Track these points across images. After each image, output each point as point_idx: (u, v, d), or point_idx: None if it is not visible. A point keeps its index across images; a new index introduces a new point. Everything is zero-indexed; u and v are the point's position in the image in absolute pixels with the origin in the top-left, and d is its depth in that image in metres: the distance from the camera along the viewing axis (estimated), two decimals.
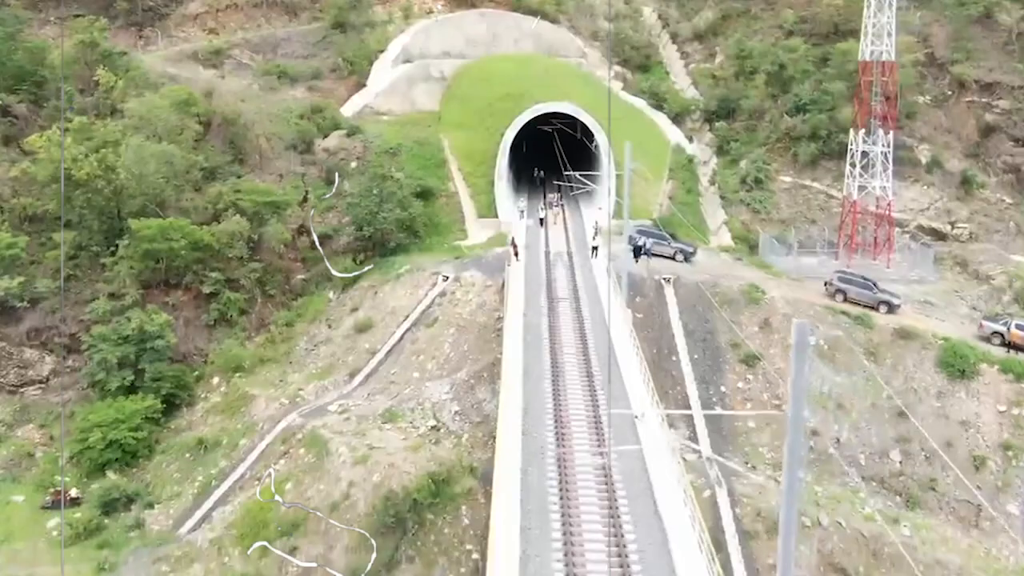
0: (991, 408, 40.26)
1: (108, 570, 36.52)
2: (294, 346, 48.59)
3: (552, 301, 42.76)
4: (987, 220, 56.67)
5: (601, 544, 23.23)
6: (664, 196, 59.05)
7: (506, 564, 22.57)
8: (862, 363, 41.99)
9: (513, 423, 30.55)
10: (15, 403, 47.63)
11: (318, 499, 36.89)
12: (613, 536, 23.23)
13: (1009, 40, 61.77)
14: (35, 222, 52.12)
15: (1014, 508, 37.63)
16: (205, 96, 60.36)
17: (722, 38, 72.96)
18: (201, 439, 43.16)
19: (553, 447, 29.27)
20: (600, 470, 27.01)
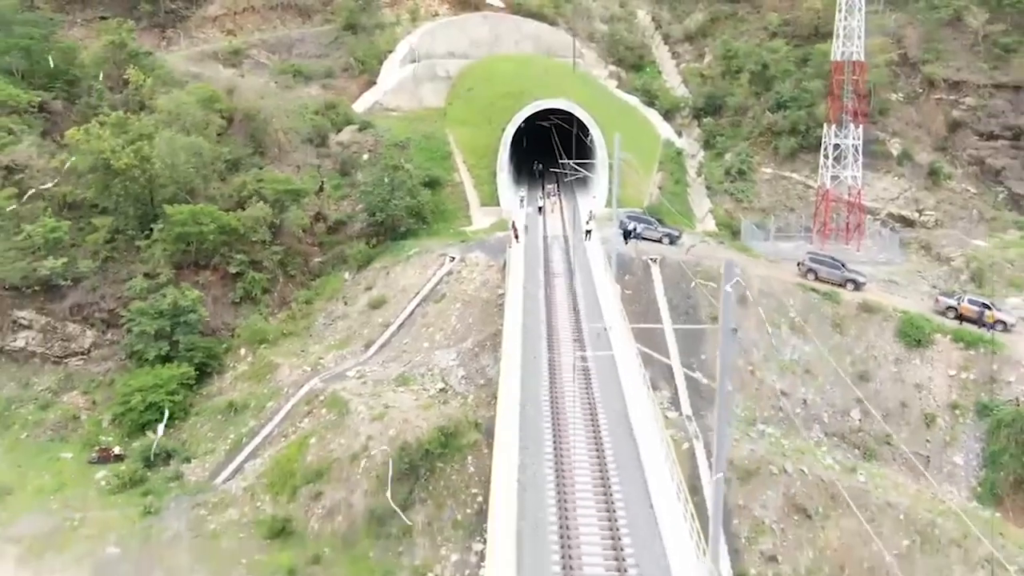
0: (943, 372, 44.80)
1: (153, 513, 41.08)
2: (313, 321, 53.20)
3: (549, 276, 47.43)
4: (952, 208, 61.19)
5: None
6: (654, 186, 63.56)
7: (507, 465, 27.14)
8: (828, 333, 46.57)
9: (513, 372, 35.13)
10: (60, 372, 52.27)
11: (340, 451, 41.45)
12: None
13: (976, 42, 66.26)
14: (74, 209, 56.64)
15: (959, 459, 42.15)
16: (227, 93, 64.91)
17: (711, 39, 77.44)
18: (231, 402, 47.80)
19: (547, 387, 34.08)
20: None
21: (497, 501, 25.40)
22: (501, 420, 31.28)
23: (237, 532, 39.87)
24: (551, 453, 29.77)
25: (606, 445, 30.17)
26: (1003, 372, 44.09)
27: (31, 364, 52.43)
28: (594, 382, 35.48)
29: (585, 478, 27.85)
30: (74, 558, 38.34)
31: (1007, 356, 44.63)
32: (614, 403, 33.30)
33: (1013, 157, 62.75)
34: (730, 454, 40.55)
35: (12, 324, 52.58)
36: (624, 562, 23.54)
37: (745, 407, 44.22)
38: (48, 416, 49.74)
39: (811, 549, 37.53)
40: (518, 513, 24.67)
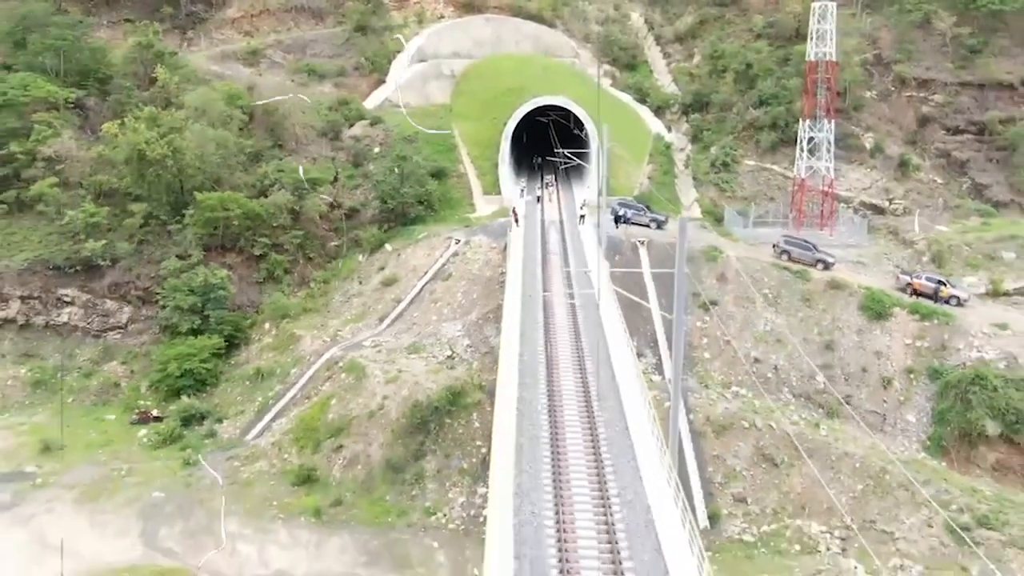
0: (900, 341, 49.70)
1: (192, 465, 46.11)
2: (331, 298, 58.20)
3: (546, 255, 52.39)
4: (920, 197, 66.05)
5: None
6: (645, 176, 68.50)
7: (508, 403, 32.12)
8: (798, 307, 51.54)
9: (514, 330, 40.09)
10: (100, 345, 57.38)
11: (358, 409, 46.47)
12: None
13: (944, 43, 71.11)
14: (109, 196, 61.69)
15: (912, 417, 47.06)
16: (248, 90, 69.91)
17: (700, 40, 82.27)
18: (258, 369, 52.83)
19: (543, 344, 39.08)
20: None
21: (500, 419, 30.44)
22: (504, 362, 36.27)
23: (267, 480, 44.87)
24: (544, 389, 34.83)
25: (590, 382, 35.17)
26: (953, 340, 48.96)
27: (74, 337, 57.55)
28: (582, 338, 40.46)
29: (572, 406, 32.96)
30: (124, 501, 43.28)
31: (957, 326, 49.52)
32: (600, 352, 38.22)
33: (977, 150, 67.60)
34: (707, 412, 45.61)
35: (56, 301, 57.71)
36: (602, 460, 28.65)
37: (722, 372, 49.15)
38: (91, 383, 54.87)
39: (776, 492, 42.48)
40: (517, 430, 29.69)
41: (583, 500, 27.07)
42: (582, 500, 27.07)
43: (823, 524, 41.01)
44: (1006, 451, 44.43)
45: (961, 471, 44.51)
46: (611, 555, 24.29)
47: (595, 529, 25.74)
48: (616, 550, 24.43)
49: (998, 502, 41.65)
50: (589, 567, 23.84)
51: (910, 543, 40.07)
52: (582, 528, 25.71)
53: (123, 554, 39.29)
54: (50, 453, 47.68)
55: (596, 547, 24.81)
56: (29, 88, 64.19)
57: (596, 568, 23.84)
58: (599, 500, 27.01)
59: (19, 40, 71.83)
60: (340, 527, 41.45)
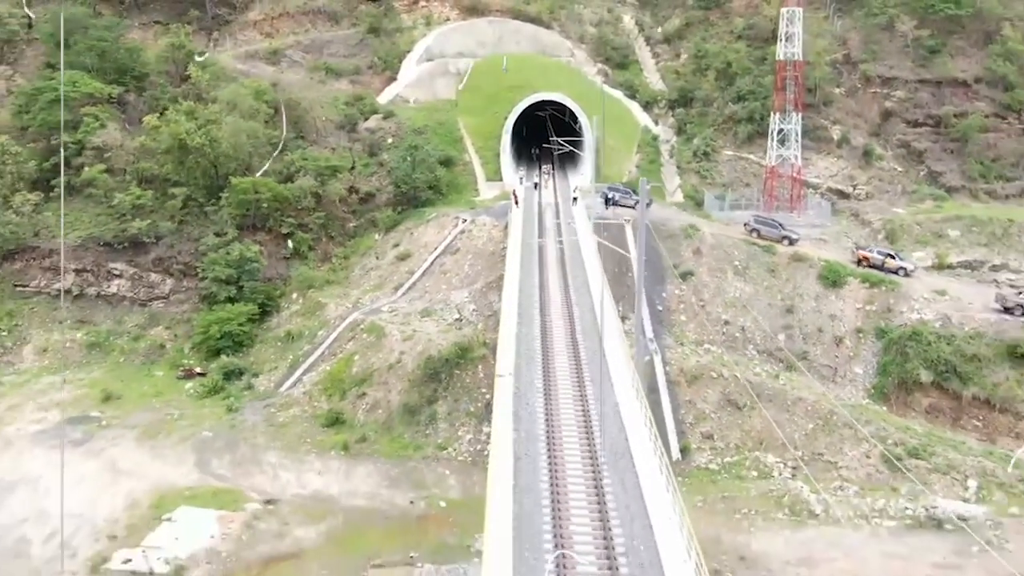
0: (852, 306, 56.73)
1: (234, 411, 53.21)
2: (351, 271, 65.24)
3: (542, 231, 59.43)
4: (881, 184, 73.04)
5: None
6: (633, 165, 75.49)
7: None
8: (765, 277, 58.59)
9: (513, 297, 47.05)
10: (145, 313, 64.43)
11: (379, 363, 53.55)
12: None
13: (906, 44, 78.03)
14: (150, 182, 68.56)
15: (859, 369, 54.09)
16: (272, 86, 76.85)
17: (686, 41, 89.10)
18: (289, 332, 59.90)
19: (538, 301, 46.18)
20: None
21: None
22: (505, 314, 43.28)
23: (301, 422, 51.98)
24: (539, 332, 41.88)
25: (577, 326, 42.23)
26: (898, 305, 55.95)
27: (122, 306, 64.64)
28: (571, 294, 47.42)
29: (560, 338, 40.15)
30: (179, 439, 50.41)
31: (902, 293, 56.52)
32: (586, 302, 45.30)
33: (934, 141, 74.52)
34: (681, 364, 52.66)
35: (107, 273, 64.81)
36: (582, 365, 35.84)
37: (696, 332, 56.13)
38: (139, 345, 61.97)
39: (739, 431, 49.45)
40: (516, 353, 36.82)
41: (571, 437, 32.72)
42: (570, 435, 32.81)
43: (778, 456, 47.97)
44: (937, 396, 51.47)
45: (899, 414, 51.52)
46: (593, 474, 29.91)
47: (580, 458, 30.95)
48: (598, 469, 30.25)
49: (927, 438, 48.69)
50: (576, 489, 28.90)
51: (850, 471, 47.07)
52: (570, 458, 30.94)
53: (182, 478, 46.40)
54: (110, 401, 54.82)
55: (582, 473, 29.90)
56: (77, 84, 71.18)
57: (582, 489, 28.92)
58: (586, 444, 32.34)
59: (60, 41, 78.93)
60: (365, 459, 48.53)
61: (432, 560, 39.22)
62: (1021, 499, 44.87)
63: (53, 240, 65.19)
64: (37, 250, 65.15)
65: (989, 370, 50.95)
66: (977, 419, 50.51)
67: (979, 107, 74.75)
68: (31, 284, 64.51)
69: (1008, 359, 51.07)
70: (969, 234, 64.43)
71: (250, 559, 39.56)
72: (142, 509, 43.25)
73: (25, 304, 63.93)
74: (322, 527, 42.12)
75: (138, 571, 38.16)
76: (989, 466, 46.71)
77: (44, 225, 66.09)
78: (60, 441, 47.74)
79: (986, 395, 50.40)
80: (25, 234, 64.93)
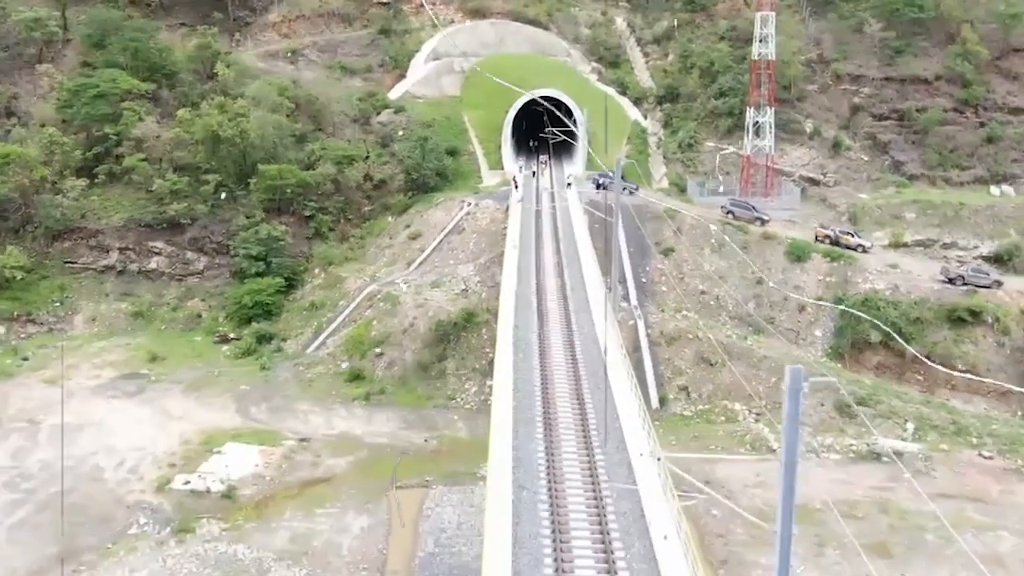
0: (814, 278, 63.85)
1: (267, 369, 60.30)
2: (367, 250, 72.33)
3: (539, 213, 66.56)
4: (849, 172, 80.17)
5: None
6: (623, 155, 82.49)
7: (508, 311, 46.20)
8: (737, 253, 65.72)
9: (511, 276, 54.06)
10: (182, 287, 71.54)
11: (394, 327, 60.61)
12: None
13: (874, 45, 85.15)
14: (184, 169, 75.48)
15: (819, 333, 61.21)
16: (292, 83, 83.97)
17: (673, 42, 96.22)
18: (312, 302, 67.03)
19: (534, 271, 53.26)
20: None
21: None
22: (504, 301, 50.31)
23: (326, 378, 59.08)
24: (535, 298, 48.95)
25: (568, 294, 49.34)
26: (855, 276, 63.07)
27: (161, 281, 71.76)
28: (564, 267, 54.50)
29: (554, 302, 47.20)
30: (220, 391, 57.48)
31: (859, 266, 63.65)
32: (576, 273, 52.39)
33: (897, 133, 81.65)
34: (661, 328, 59.76)
35: (147, 251, 71.98)
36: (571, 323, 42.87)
37: (675, 301, 63.21)
38: (178, 315, 69.13)
39: (711, 384, 56.49)
40: (514, 323, 43.90)
41: (563, 386, 39.15)
42: (561, 386, 39.25)
43: (744, 404, 55.02)
44: (884, 354, 58.66)
45: (852, 370, 58.66)
46: (579, 407, 36.47)
47: (571, 404, 37.38)
48: (583, 403, 37.28)
49: (875, 389, 55.81)
50: (566, 427, 34.65)
51: (807, 416, 54.12)
52: (562, 408, 36.75)
53: (226, 422, 53.46)
54: (156, 362, 61.89)
55: (572, 417, 35.80)
56: (117, 81, 78.27)
57: (571, 425, 34.85)
58: (575, 388, 39.10)
59: (97, 42, 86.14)
60: (384, 407, 55.65)
61: (444, 483, 46.31)
62: (951, 438, 51.98)
63: (99, 221, 72.32)
64: (84, 230, 72.22)
65: (930, 331, 58.20)
66: (919, 373, 57.72)
67: (939, 102, 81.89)
68: (79, 261, 71.58)
69: (947, 322, 58.31)
70: (924, 216, 71.59)
71: (290, 481, 46.68)
72: (194, 445, 50.31)
73: (74, 279, 71.04)
74: (350, 459, 49.22)
75: (197, 490, 45.25)
76: (926, 412, 53.88)
77: (90, 208, 73.15)
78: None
79: (927, 352, 57.58)
80: (73, 216, 71.97)
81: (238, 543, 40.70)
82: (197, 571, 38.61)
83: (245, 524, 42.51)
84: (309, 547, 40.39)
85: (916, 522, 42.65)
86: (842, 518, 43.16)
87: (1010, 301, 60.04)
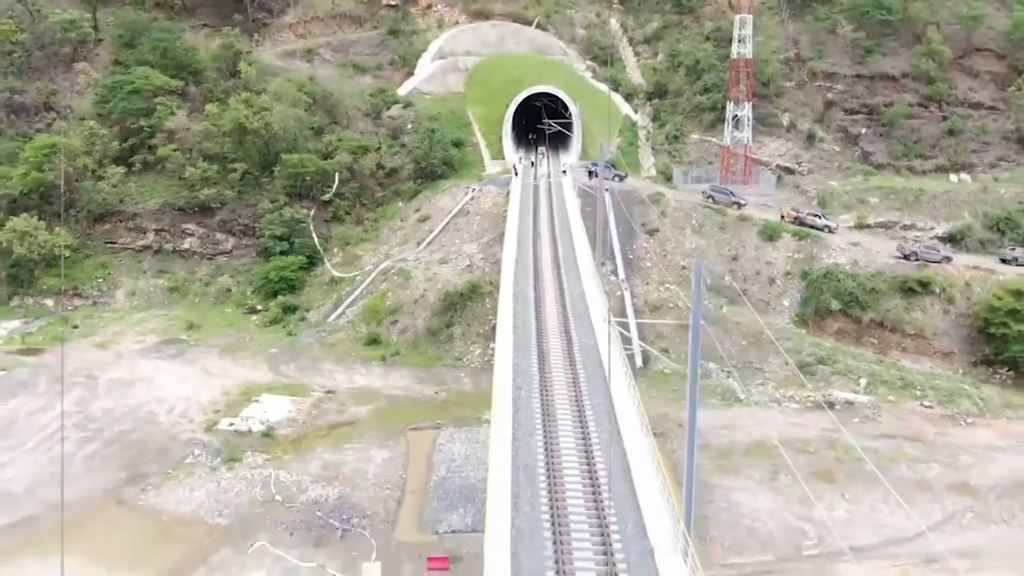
0: (784, 254, 70.93)
1: (293, 335, 67.49)
2: (381, 231, 79.45)
3: (536, 196, 73.76)
4: (822, 161, 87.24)
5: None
6: (615, 146, 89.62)
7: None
8: (716, 233, 72.85)
9: (511, 250, 61.14)
10: (212, 265, 78.70)
11: (406, 298, 67.76)
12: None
13: (845, 45, 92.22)
14: (212, 158, 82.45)
15: (787, 302, 68.34)
16: (309, 80, 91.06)
17: (662, 42, 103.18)
18: (332, 277, 74.17)
19: (531, 242, 60.46)
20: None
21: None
22: (505, 264, 57.43)
23: (346, 343, 66.26)
24: (532, 270, 56.13)
25: (563, 267, 56.45)
26: (820, 253, 70.15)
27: (193, 259, 78.92)
28: (559, 245, 61.65)
29: (549, 275, 54.33)
30: (252, 353, 64.64)
31: (824, 244, 70.73)
32: (569, 252, 59.51)
33: (867, 126, 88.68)
34: (646, 297, 66.94)
35: (180, 233, 79.11)
36: (564, 289, 49.99)
37: (659, 275, 70.31)
38: (210, 289, 76.33)
39: (688, 345, 63.50)
40: (513, 294, 51.06)
41: (556, 347, 46.20)
42: (555, 346, 46.30)
43: (717, 364, 62.18)
44: (843, 320, 65.85)
45: (815, 335, 65.80)
46: (571, 368, 43.62)
47: (563, 361, 44.95)
48: (574, 364, 44.07)
49: (834, 350, 62.96)
50: (559, 380, 41.50)
51: (772, 374, 61.34)
52: (555, 366, 43.86)
53: (260, 378, 60.62)
54: (192, 329, 69.09)
55: (563, 370, 41.56)
56: (150, 78, 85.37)
57: (562, 378, 42.14)
58: (566, 343, 46.28)
59: (127, 42, 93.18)
60: (399, 366, 62.86)
61: (453, 425, 53.46)
62: (899, 392, 59.17)
63: (136, 206, 79.47)
64: (123, 214, 79.37)
65: (884, 300, 65.33)
66: (873, 337, 64.92)
67: (905, 98, 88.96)
68: (119, 241, 78.77)
69: (899, 292, 65.49)
70: (886, 201, 78.71)
71: (319, 424, 53.91)
72: (234, 396, 57.51)
73: (115, 257, 78.24)
74: (370, 407, 56.45)
75: (240, 430, 52.48)
76: (878, 370, 61.10)
77: (127, 194, 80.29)
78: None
79: (880, 319, 64.74)
80: (113, 201, 79.11)
81: (279, 470, 47.93)
82: (246, 490, 45.84)
83: (284, 456, 49.78)
84: (339, 473, 47.63)
85: (858, 456, 49.77)
86: (795, 452, 50.66)
87: (957, 274, 67.15)
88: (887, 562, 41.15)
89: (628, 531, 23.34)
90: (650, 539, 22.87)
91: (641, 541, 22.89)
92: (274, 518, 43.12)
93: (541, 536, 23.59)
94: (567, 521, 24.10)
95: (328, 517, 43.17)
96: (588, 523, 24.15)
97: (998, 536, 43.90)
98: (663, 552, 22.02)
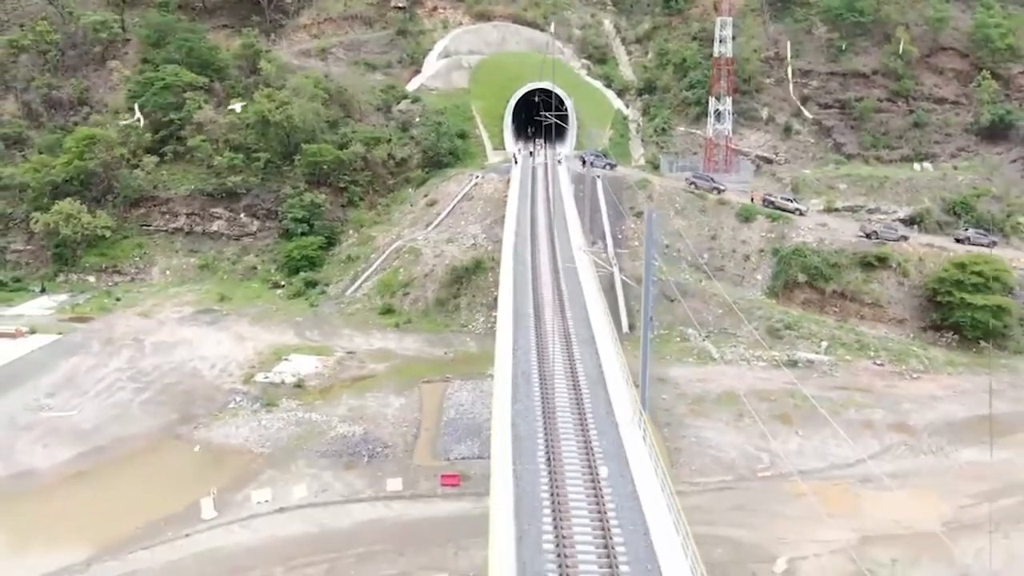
0: (758, 234, 78.40)
1: (315, 306, 75.06)
2: (392, 215, 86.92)
3: (534, 181, 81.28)
4: (797, 152, 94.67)
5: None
6: (607, 138, 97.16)
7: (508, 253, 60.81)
8: (697, 215, 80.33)
9: (511, 227, 68.66)
10: (238, 245, 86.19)
11: (417, 272, 75.29)
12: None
13: (821, 44, 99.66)
14: (236, 148, 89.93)
15: (760, 277, 75.80)
16: (325, 77, 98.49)
17: (652, 41, 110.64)
18: (349, 255, 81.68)
19: (529, 224, 67.97)
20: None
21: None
22: (505, 245, 64.93)
23: (363, 312, 73.75)
24: (529, 248, 63.61)
25: (558, 247, 63.94)
26: (790, 233, 77.57)
27: (221, 240, 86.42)
28: (554, 226, 69.06)
29: (544, 253, 61.79)
30: (279, 321, 72.17)
31: (794, 225, 78.17)
32: (564, 233, 67.02)
33: (840, 120, 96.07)
34: (632, 272, 74.37)
35: (209, 216, 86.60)
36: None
37: (644, 252, 77.65)
38: (237, 267, 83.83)
39: (670, 315, 70.99)
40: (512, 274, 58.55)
41: (551, 317, 53.94)
42: (551, 317, 54.03)
43: (695, 330, 69.73)
44: (809, 292, 73.33)
45: (783, 305, 73.27)
46: (564, 332, 51.43)
47: (557, 326, 52.60)
48: (567, 330, 51.64)
49: (800, 318, 70.47)
50: (548, 301, 50.89)
51: (744, 338, 68.76)
52: (549, 326, 52.16)
53: (288, 341, 68.16)
54: (224, 301, 76.57)
55: (559, 332, 51.28)
56: (179, 75, 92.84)
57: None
58: (559, 312, 54.16)
59: (155, 42, 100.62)
60: (411, 332, 70.36)
61: (461, 379, 60.98)
62: (855, 352, 66.68)
63: (168, 191, 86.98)
64: (156, 199, 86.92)
65: (845, 273, 72.80)
66: (835, 306, 72.41)
67: (875, 93, 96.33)
68: (153, 224, 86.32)
69: (859, 266, 72.95)
70: (854, 187, 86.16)
71: (343, 378, 61.46)
72: (266, 355, 65.07)
73: (150, 239, 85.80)
74: (387, 364, 64.00)
75: (274, 382, 60.03)
76: (838, 334, 68.63)
77: (160, 181, 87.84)
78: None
79: (842, 290, 72.25)
80: (147, 187, 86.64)
81: (311, 412, 55.57)
82: (284, 427, 53.44)
83: (314, 402, 57.40)
84: (363, 414, 55.21)
85: (813, 404, 57.27)
86: (759, 400, 58.24)
87: (912, 251, 74.60)
88: (829, 482, 48.69)
89: (600, 412, 30.94)
90: (616, 417, 30.42)
91: (610, 418, 30.45)
92: (310, 448, 50.71)
93: (534, 416, 31.21)
94: (553, 407, 31.68)
95: (356, 448, 50.74)
96: (571, 409, 31.76)
97: (926, 464, 51.47)
98: (624, 425, 29.55)
